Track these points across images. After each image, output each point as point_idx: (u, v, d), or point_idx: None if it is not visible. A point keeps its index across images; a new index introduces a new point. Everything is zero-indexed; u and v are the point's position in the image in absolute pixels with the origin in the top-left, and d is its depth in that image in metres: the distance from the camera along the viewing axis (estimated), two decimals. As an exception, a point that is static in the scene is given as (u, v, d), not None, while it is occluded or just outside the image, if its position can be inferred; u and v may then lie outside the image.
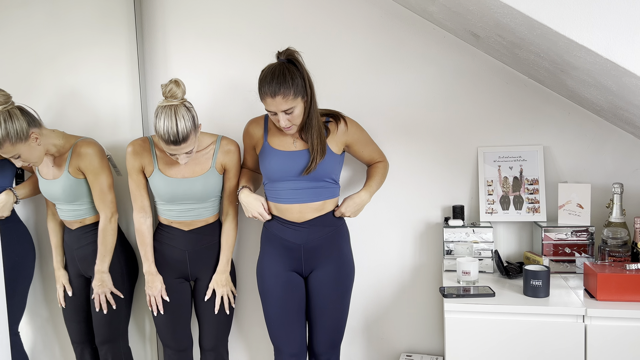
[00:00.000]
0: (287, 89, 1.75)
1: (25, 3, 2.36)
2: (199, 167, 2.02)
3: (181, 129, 1.81)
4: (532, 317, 1.69)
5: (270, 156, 1.92)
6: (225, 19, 2.28)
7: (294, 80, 1.77)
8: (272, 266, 1.97)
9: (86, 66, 2.34)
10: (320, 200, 1.93)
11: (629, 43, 1.29)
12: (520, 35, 1.58)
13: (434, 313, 2.25)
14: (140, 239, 2.09)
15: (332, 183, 1.96)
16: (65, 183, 2.09)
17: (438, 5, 1.83)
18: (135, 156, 2.03)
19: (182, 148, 1.86)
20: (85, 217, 2.16)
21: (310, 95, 1.83)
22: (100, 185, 2.10)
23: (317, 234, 1.94)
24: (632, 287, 1.67)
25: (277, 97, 1.76)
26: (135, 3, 2.29)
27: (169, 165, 2.02)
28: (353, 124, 1.99)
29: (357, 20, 2.18)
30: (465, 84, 2.14)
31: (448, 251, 2.06)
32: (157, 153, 2.04)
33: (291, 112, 1.80)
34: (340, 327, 2.02)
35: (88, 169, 2.09)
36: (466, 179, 2.17)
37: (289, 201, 1.92)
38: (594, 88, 1.70)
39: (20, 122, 1.93)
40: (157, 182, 2.02)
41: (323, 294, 1.96)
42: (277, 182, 1.92)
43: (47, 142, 2.06)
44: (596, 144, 2.07)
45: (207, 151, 2.04)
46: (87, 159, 2.08)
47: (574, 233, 1.98)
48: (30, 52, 2.37)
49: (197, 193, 2.02)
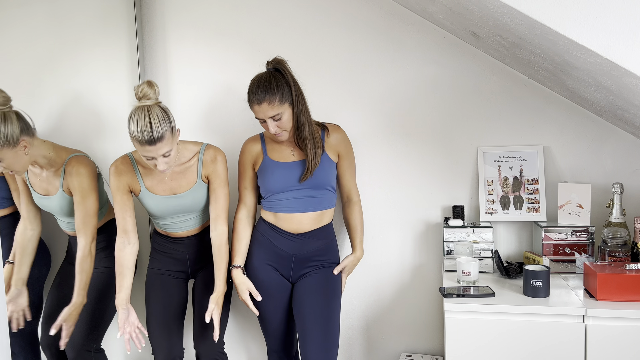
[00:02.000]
0: (273, 95, 1.81)
1: (25, 3, 2.36)
2: (185, 181, 1.97)
3: (155, 127, 1.75)
4: (532, 317, 1.69)
5: (272, 169, 1.95)
6: (225, 19, 2.28)
7: (279, 87, 1.82)
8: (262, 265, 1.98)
9: (86, 66, 2.34)
10: (320, 210, 1.97)
11: (629, 43, 1.29)
12: (520, 35, 1.58)
13: (434, 313, 2.25)
14: (117, 267, 1.95)
15: (331, 191, 2.00)
16: (61, 201, 2.07)
17: (438, 5, 1.83)
18: (119, 176, 1.94)
19: (159, 148, 1.77)
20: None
21: (299, 101, 1.87)
22: (86, 208, 2.01)
23: (310, 247, 1.98)
24: (632, 287, 1.67)
25: (263, 104, 1.81)
26: (135, 3, 2.29)
27: (155, 182, 1.96)
28: (346, 136, 2.05)
29: (357, 20, 2.18)
30: (465, 84, 2.14)
31: (448, 251, 2.06)
32: (140, 170, 1.97)
33: (279, 119, 1.84)
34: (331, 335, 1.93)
35: (76, 189, 2.01)
36: (466, 179, 2.17)
37: (290, 210, 1.94)
38: (594, 88, 1.70)
39: (12, 127, 1.86)
40: (146, 201, 1.99)
41: (310, 302, 1.94)
42: (279, 194, 1.95)
43: (36, 153, 1.99)
44: (596, 144, 2.07)
45: (191, 163, 1.97)
46: (77, 179, 2.01)
47: (574, 233, 1.98)
48: (30, 53, 2.37)
49: (186, 206, 2.00)
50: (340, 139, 2.02)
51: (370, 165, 2.23)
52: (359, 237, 2.08)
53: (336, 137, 2.01)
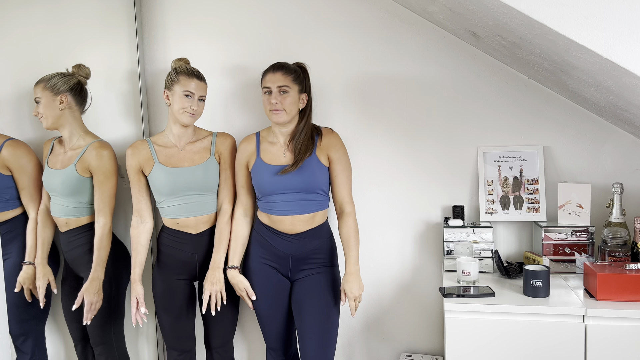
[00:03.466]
0: (290, 71, 1.92)
1: (25, 3, 2.36)
2: (198, 155, 2.06)
3: (201, 72, 2.04)
4: (532, 317, 1.69)
5: (263, 171, 1.96)
6: (225, 19, 2.28)
7: (297, 72, 1.93)
8: (260, 265, 2.00)
9: (86, 66, 2.33)
10: (310, 212, 1.95)
11: (629, 43, 1.29)
12: (520, 35, 1.58)
13: (434, 313, 2.25)
14: (132, 244, 2.09)
15: (322, 195, 1.98)
16: (68, 176, 2.10)
17: (438, 5, 1.83)
18: (134, 156, 2.06)
19: (200, 87, 2.00)
20: (71, 218, 2.15)
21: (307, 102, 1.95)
22: (108, 188, 2.11)
23: (306, 246, 1.97)
24: (632, 287, 1.67)
25: (278, 72, 1.90)
26: (135, 3, 2.29)
27: (169, 157, 2.05)
28: (338, 140, 1.99)
29: (357, 20, 2.18)
30: (465, 84, 2.14)
31: (448, 251, 2.06)
32: (155, 148, 2.07)
33: (286, 92, 1.89)
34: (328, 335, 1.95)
35: (100, 169, 2.10)
36: (466, 179, 2.17)
37: (281, 213, 1.95)
38: (594, 88, 1.70)
39: (65, 83, 2.11)
40: (158, 175, 2.03)
41: (309, 300, 1.95)
42: (270, 196, 1.96)
43: (69, 120, 2.13)
44: (596, 144, 2.07)
45: (205, 141, 2.09)
46: (102, 160, 2.10)
47: (574, 233, 1.98)
48: (31, 52, 2.37)
49: (197, 182, 2.03)
50: (332, 143, 1.96)
51: (370, 165, 2.23)
52: (351, 253, 1.93)
53: (328, 140, 1.97)
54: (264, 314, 2.01)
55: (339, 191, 1.98)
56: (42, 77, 2.13)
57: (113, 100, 2.34)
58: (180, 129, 2.06)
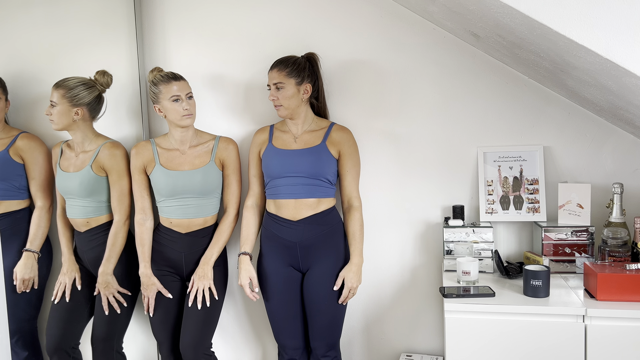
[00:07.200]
0: (284, 67, 1.98)
1: (26, 3, 2.36)
2: (199, 159, 2.09)
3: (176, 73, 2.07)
4: (532, 317, 1.69)
5: (272, 154, 2.06)
6: (225, 19, 2.28)
7: (294, 65, 1.99)
8: (272, 263, 2.05)
9: (86, 66, 2.33)
10: (314, 198, 2.01)
11: (629, 43, 1.29)
12: (520, 35, 1.58)
13: (434, 313, 2.25)
14: (138, 240, 2.13)
15: (327, 183, 2.03)
16: (85, 177, 2.13)
17: (438, 5, 1.83)
18: (138, 156, 2.12)
19: (182, 86, 2.02)
20: (92, 217, 2.17)
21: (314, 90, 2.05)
22: (122, 187, 2.15)
23: (312, 232, 2.01)
24: (632, 287, 1.67)
25: (274, 69, 2.00)
26: (135, 4, 2.29)
27: (170, 160, 2.10)
28: (351, 137, 2.07)
29: (357, 20, 2.18)
30: (465, 84, 2.14)
31: (448, 251, 2.06)
32: (158, 150, 2.12)
33: (281, 88, 1.97)
34: (335, 325, 2.03)
35: (114, 168, 2.14)
36: (466, 179, 2.17)
37: (285, 196, 2.01)
38: (594, 88, 1.70)
39: (86, 96, 2.11)
40: (158, 176, 2.08)
41: (318, 291, 2.00)
42: (277, 179, 2.03)
43: (80, 127, 2.15)
44: (596, 144, 2.07)
45: (206, 145, 2.13)
46: (115, 159, 2.14)
47: (574, 233, 1.98)
48: (30, 52, 2.38)
49: (196, 185, 2.06)
50: (344, 138, 2.05)
51: (370, 165, 2.23)
52: (356, 245, 2.02)
53: (340, 134, 2.05)
54: (277, 311, 2.03)
55: (347, 186, 2.06)
56: (64, 82, 2.11)
57: (113, 100, 2.34)
58: (181, 134, 2.09)
